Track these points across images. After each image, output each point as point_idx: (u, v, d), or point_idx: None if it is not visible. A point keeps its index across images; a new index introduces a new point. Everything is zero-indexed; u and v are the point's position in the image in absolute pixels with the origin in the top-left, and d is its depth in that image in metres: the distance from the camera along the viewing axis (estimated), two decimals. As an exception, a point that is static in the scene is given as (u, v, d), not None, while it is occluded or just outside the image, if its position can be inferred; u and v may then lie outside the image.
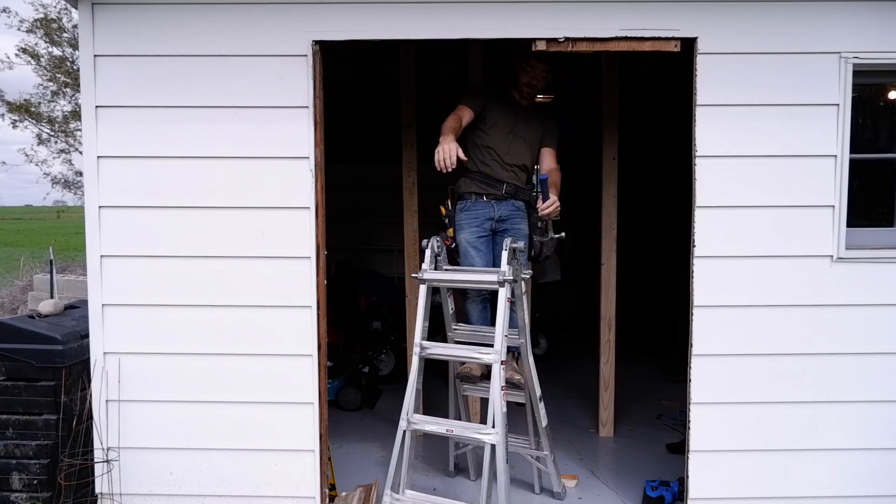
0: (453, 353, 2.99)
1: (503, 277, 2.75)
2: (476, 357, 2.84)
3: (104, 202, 2.95)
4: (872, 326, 2.93)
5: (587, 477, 3.61)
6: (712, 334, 2.94)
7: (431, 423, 2.82)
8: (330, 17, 2.86)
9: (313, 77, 2.88)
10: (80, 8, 2.88)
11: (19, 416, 3.11)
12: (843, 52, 2.83)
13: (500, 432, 2.61)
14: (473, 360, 2.94)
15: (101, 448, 2.99)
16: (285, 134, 2.91)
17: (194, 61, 2.90)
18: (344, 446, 4.00)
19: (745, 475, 2.99)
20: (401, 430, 2.76)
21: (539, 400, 3.16)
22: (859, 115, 2.97)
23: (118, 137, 2.93)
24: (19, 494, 3.07)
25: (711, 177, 2.88)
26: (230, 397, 3.00)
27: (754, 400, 2.95)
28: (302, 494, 3.03)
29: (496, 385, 2.66)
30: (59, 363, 3.09)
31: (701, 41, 2.84)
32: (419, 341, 2.85)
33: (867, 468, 2.98)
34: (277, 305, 2.97)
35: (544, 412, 3.20)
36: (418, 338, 2.86)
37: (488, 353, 2.74)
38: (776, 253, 2.91)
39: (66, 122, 12.68)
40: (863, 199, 3.10)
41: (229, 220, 2.95)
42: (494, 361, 2.71)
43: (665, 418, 4.45)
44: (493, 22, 2.85)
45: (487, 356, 2.74)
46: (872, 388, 2.95)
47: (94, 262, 2.96)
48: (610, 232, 4.09)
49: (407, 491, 2.77)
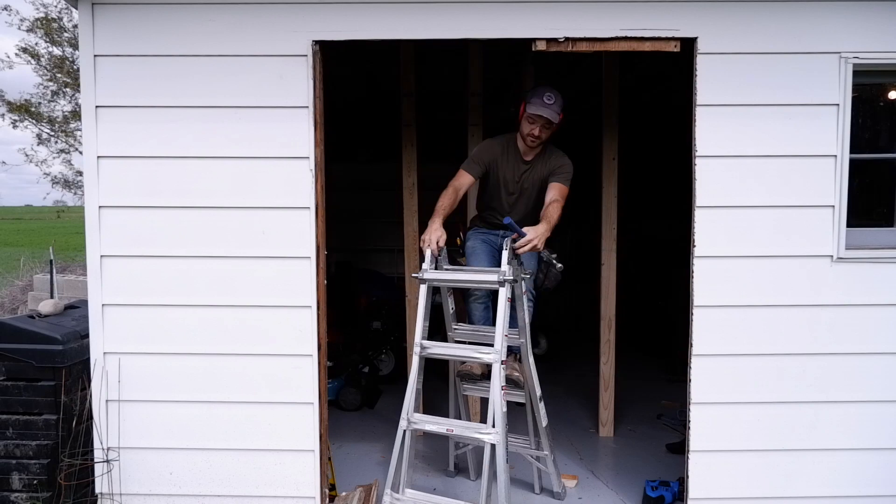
0: (454, 352, 2.99)
1: (503, 277, 2.75)
2: (476, 357, 2.83)
3: (104, 202, 2.95)
4: (872, 326, 2.93)
5: (587, 477, 3.61)
6: (712, 334, 2.94)
7: (432, 422, 2.81)
8: (330, 16, 2.86)
9: (313, 77, 2.88)
10: (80, 8, 2.88)
11: (19, 416, 3.11)
12: (843, 52, 2.83)
13: (501, 432, 2.61)
14: (474, 359, 2.94)
15: (101, 448, 3.00)
16: (285, 134, 2.91)
17: (194, 61, 2.90)
18: (344, 446, 4.00)
19: (746, 475, 2.99)
20: (401, 429, 2.76)
21: (539, 400, 3.17)
22: (859, 115, 2.97)
23: (118, 137, 2.93)
24: (19, 494, 3.07)
25: (711, 177, 2.88)
26: (230, 397, 3.00)
27: (754, 400, 2.96)
28: (302, 494, 3.03)
29: (496, 385, 2.67)
30: (59, 363, 3.09)
31: (701, 41, 2.84)
32: (419, 341, 2.85)
33: (867, 468, 2.98)
34: (277, 305, 2.97)
35: (544, 412, 3.20)
36: (418, 337, 2.85)
37: (489, 353, 2.75)
38: (776, 253, 2.91)
39: (66, 122, 12.67)
40: (863, 199, 3.10)
41: (229, 220, 2.95)
42: (494, 361, 2.71)
43: (665, 418, 4.45)
44: (493, 22, 2.85)
45: (488, 356, 2.75)
46: (872, 388, 2.95)
47: (94, 262, 2.96)
48: (610, 232, 4.09)
49: (407, 490, 2.78)
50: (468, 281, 3.08)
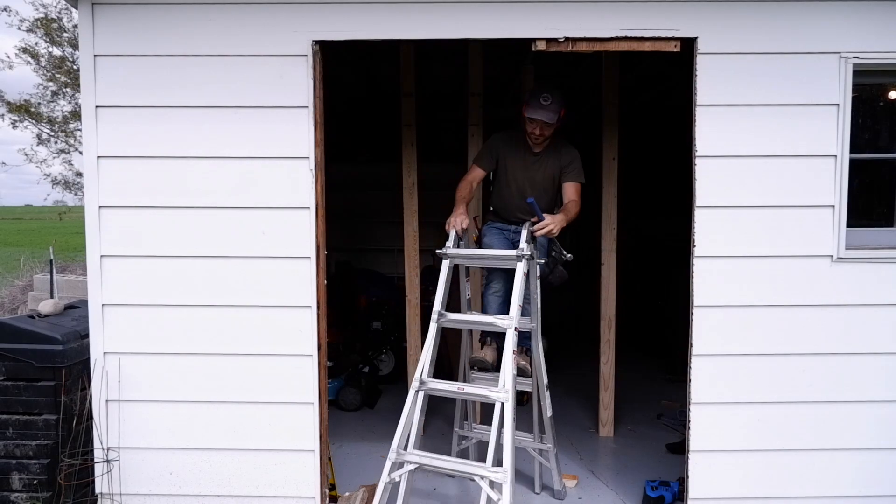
0: (470, 319, 3.15)
1: (521, 252, 2.92)
2: (491, 322, 2.94)
3: (104, 202, 2.95)
4: (872, 326, 2.93)
5: (587, 477, 3.61)
6: (712, 334, 2.94)
7: (443, 384, 2.90)
8: (330, 17, 2.86)
9: (313, 77, 2.88)
10: (80, 8, 2.88)
11: (19, 416, 3.11)
12: (843, 52, 2.83)
13: (510, 391, 2.71)
14: (489, 326, 3.02)
15: (101, 448, 3.00)
16: (285, 134, 2.91)
17: (194, 61, 2.90)
18: (344, 446, 4.00)
19: (745, 475, 2.99)
20: (413, 390, 2.83)
21: (546, 388, 3.23)
22: (859, 115, 2.97)
23: (118, 137, 2.93)
24: (19, 494, 3.07)
25: (711, 177, 2.88)
26: (230, 397, 3.00)
27: (754, 400, 2.96)
28: (302, 494, 3.03)
29: (509, 347, 2.79)
30: (59, 363, 3.09)
31: (701, 41, 2.84)
32: (438, 309, 2.98)
33: (867, 468, 2.98)
34: (277, 305, 2.97)
35: (549, 402, 3.25)
36: (438, 306, 2.98)
37: (503, 320, 2.87)
38: (776, 253, 2.91)
39: (66, 122, 12.66)
40: (863, 199, 3.10)
41: (229, 220, 2.95)
42: (509, 326, 2.84)
43: (665, 418, 4.45)
44: (493, 22, 2.85)
45: (503, 321, 2.87)
46: (872, 388, 2.95)
47: (94, 262, 2.96)
48: (610, 232, 4.09)
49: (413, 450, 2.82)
50: (488, 257, 3.23)
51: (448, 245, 3.09)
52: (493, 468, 2.58)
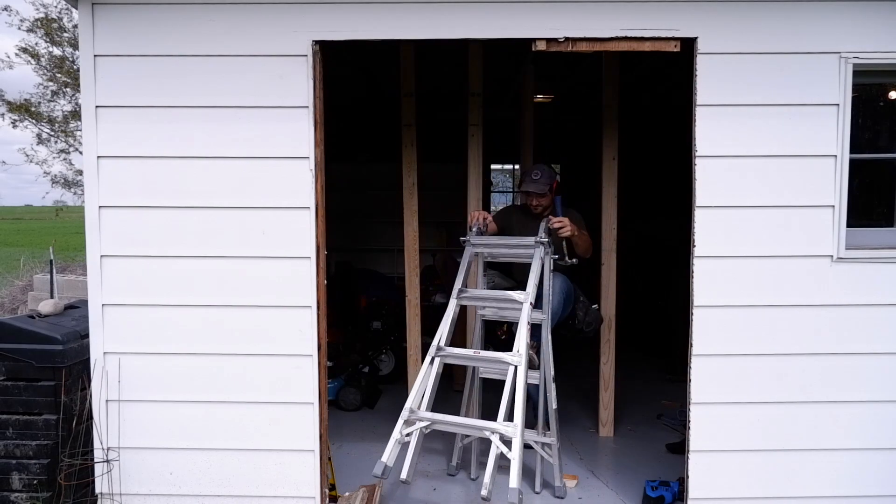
0: (488, 295, 3.40)
1: (539, 239, 3.25)
2: (509, 297, 3.18)
3: (104, 202, 2.95)
4: (872, 326, 2.93)
5: (587, 477, 3.61)
6: (712, 334, 2.94)
7: (459, 351, 3.16)
8: (330, 17, 2.86)
9: (313, 77, 2.88)
10: (80, 8, 2.88)
11: (19, 416, 3.11)
12: (843, 52, 2.83)
13: (523, 355, 2.94)
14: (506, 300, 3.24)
15: (101, 448, 3.00)
16: (285, 134, 2.91)
17: (194, 61, 2.90)
18: (344, 446, 4.00)
19: (746, 475, 2.99)
20: (429, 356, 3.04)
21: (552, 379, 3.30)
22: (859, 115, 2.97)
23: (118, 137, 2.93)
24: (19, 494, 3.07)
25: (711, 177, 2.88)
26: (230, 397, 3.00)
27: (754, 400, 2.96)
28: (302, 494, 3.03)
29: (524, 321, 3.02)
30: (59, 363, 3.09)
31: (701, 41, 2.84)
32: (458, 287, 3.28)
33: (867, 468, 2.98)
34: (277, 305, 2.97)
35: (555, 394, 3.31)
36: (459, 284, 3.29)
37: (520, 295, 3.13)
38: (776, 253, 2.91)
39: (66, 122, 12.65)
40: (863, 199, 3.10)
41: (229, 220, 2.95)
42: (525, 301, 3.08)
43: (665, 418, 4.45)
44: (493, 22, 2.85)
45: (520, 296, 3.12)
46: (873, 388, 2.95)
47: (94, 262, 2.96)
48: (610, 232, 4.09)
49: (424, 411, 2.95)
50: (507, 245, 3.48)
51: (472, 231, 3.44)
52: (505, 423, 2.73)
